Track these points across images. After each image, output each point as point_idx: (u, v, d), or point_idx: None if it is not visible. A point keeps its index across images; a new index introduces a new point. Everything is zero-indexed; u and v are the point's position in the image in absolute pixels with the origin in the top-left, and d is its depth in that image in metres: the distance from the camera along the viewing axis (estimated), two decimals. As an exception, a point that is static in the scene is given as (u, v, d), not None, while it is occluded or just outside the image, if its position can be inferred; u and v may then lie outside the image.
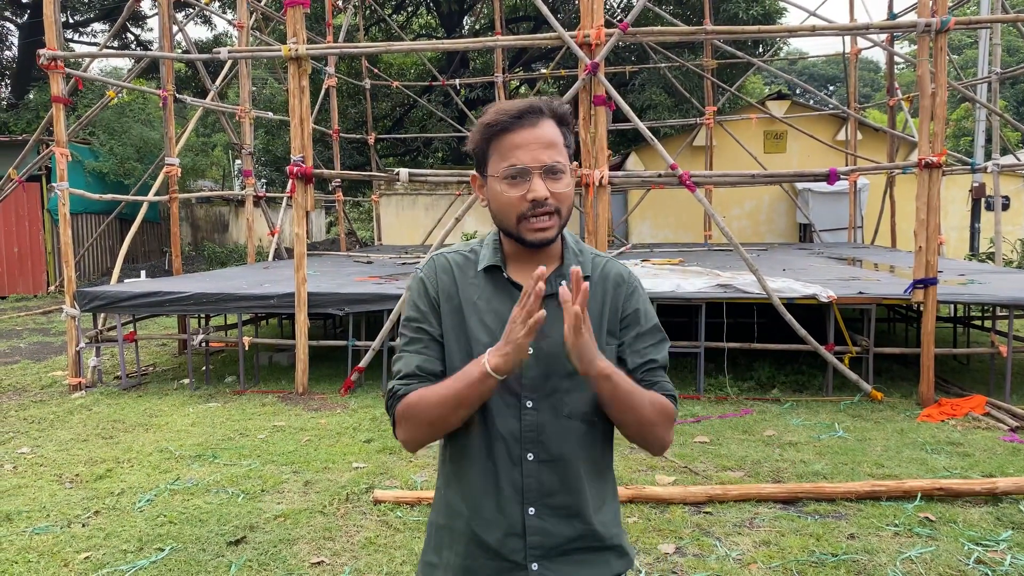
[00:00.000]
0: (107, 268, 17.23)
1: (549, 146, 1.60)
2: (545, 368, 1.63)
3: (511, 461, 1.63)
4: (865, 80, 40.05)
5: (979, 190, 12.91)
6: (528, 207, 1.59)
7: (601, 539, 1.68)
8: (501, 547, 1.64)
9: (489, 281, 1.69)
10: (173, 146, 9.62)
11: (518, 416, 1.63)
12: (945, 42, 6.45)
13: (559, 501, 1.64)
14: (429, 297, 1.70)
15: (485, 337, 1.64)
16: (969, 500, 4.53)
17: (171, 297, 7.55)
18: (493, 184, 1.64)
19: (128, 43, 22.29)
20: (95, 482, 5.08)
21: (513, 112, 1.61)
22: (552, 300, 1.62)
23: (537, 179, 1.59)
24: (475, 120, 7.96)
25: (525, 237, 1.62)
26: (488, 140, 1.64)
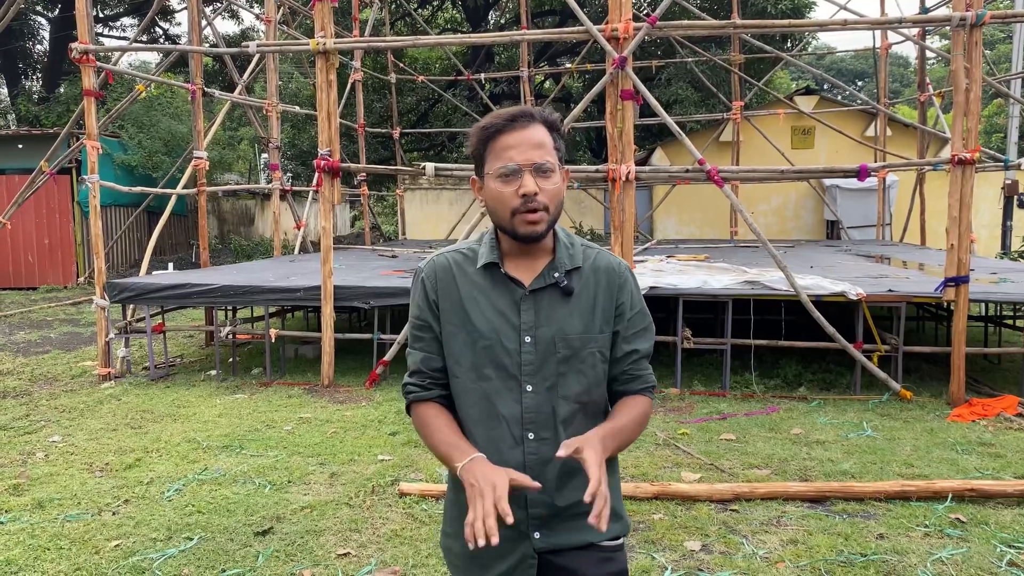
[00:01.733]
0: (135, 260, 17.42)
1: (538, 146, 1.74)
2: (542, 355, 1.78)
3: (513, 441, 1.78)
4: (894, 75, 39.55)
5: (1012, 187, 12.70)
6: (520, 202, 1.72)
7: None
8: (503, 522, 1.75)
9: (488, 277, 1.82)
10: (202, 139, 9.70)
11: (519, 399, 1.78)
12: (980, 37, 6.34)
13: (558, 474, 1.78)
14: (428, 298, 1.86)
15: (486, 328, 1.79)
16: (1001, 502, 4.46)
17: (199, 289, 7.62)
18: (489, 183, 1.77)
19: (157, 37, 22.49)
20: (125, 471, 5.14)
21: (506, 116, 1.76)
22: (547, 292, 1.80)
23: (528, 176, 1.72)
24: None
25: (518, 230, 1.75)
26: (484, 142, 1.78)
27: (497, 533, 1.53)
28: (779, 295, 7.08)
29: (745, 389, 7.13)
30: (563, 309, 1.80)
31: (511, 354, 1.78)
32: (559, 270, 1.81)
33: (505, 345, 1.78)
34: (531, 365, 1.78)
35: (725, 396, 6.94)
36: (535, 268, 1.82)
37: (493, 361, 1.79)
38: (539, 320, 1.79)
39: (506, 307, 1.80)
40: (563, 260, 1.82)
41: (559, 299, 1.81)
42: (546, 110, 1.82)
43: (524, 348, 1.78)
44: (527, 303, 1.80)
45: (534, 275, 1.82)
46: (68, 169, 15.52)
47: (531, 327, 1.79)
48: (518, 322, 1.79)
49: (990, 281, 7.80)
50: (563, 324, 1.79)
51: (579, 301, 1.82)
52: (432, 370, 1.86)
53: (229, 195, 20.86)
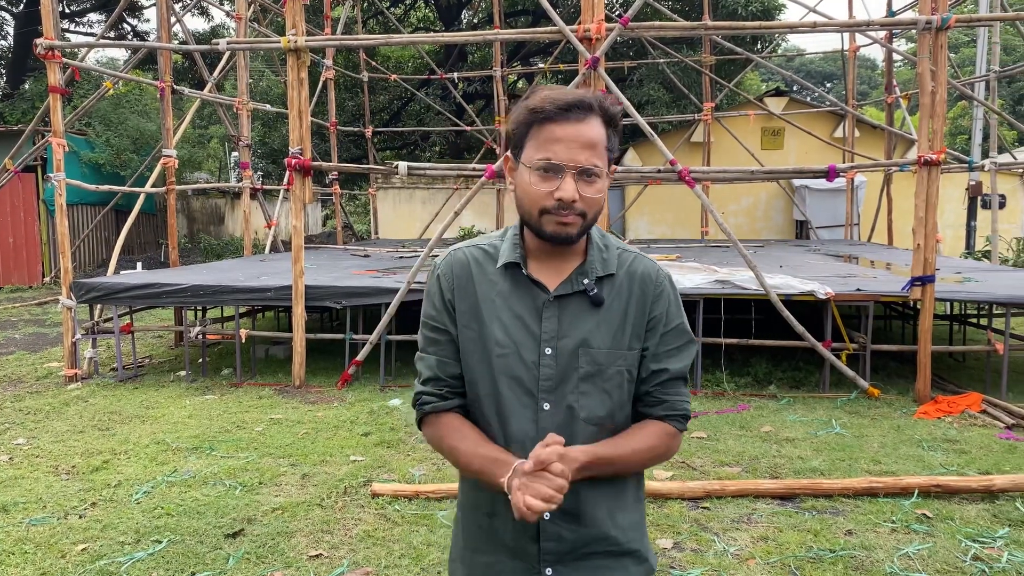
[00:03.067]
0: (103, 259, 17.17)
1: (589, 146, 1.52)
2: (563, 370, 1.59)
3: None
4: (862, 77, 40.06)
5: (975, 188, 12.93)
6: (554, 204, 1.53)
7: (618, 544, 1.63)
8: (516, 549, 1.62)
9: (508, 278, 1.64)
10: (171, 137, 9.59)
11: (534, 418, 1.59)
12: (945, 40, 6.45)
13: (574, 506, 1.58)
14: (443, 297, 1.67)
15: (502, 336, 1.60)
16: (966, 497, 4.54)
17: (168, 289, 7.53)
18: (524, 172, 1.57)
19: (124, 34, 22.18)
20: (92, 474, 5.07)
21: (561, 103, 1.53)
22: (573, 299, 1.61)
23: (569, 179, 1.51)
24: (473, 114, 7.96)
25: (545, 229, 1.56)
26: (529, 124, 1.56)
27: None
28: (749, 294, 7.15)
29: (716, 387, 7.19)
30: (590, 319, 1.60)
31: (529, 367, 1.59)
32: (589, 276, 1.61)
33: (523, 356, 1.59)
34: (550, 380, 1.58)
35: (696, 394, 6.99)
36: (562, 271, 1.62)
37: (508, 373, 1.60)
38: (562, 330, 1.59)
39: (526, 313, 1.60)
40: (594, 265, 1.62)
41: (586, 308, 1.60)
42: (607, 100, 1.58)
43: (544, 361, 1.58)
44: (550, 310, 1.60)
45: (560, 279, 1.62)
46: (33, 167, 15.27)
47: (553, 337, 1.59)
48: (539, 331, 1.59)
49: (955, 280, 7.93)
50: (589, 336, 1.59)
51: (609, 312, 1.61)
52: (450, 377, 1.66)
53: (199, 194, 20.62)
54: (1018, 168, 12.77)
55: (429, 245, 7.31)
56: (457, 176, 8.85)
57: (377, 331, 7.22)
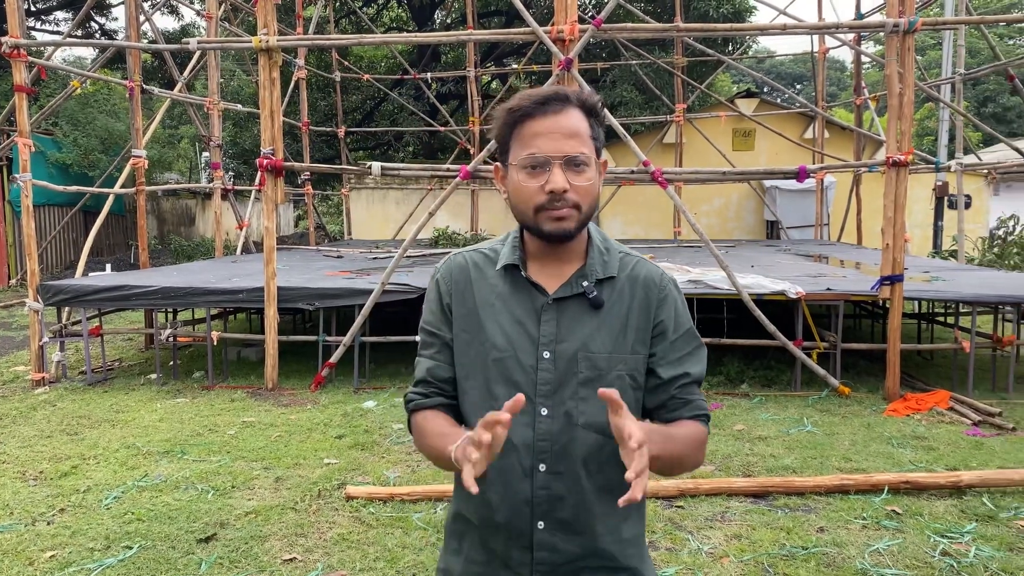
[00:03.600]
0: (70, 261, 16.92)
1: (572, 136, 1.51)
2: (562, 374, 1.56)
3: (522, 472, 1.55)
4: (831, 79, 40.51)
5: (942, 188, 13.14)
6: (546, 199, 1.51)
7: (613, 559, 1.58)
8: (508, 559, 1.58)
9: (507, 280, 1.62)
10: (140, 138, 9.46)
11: (532, 424, 1.55)
12: (912, 42, 6.55)
13: (571, 516, 1.55)
14: (441, 302, 1.66)
15: (501, 340, 1.58)
16: (934, 493, 4.61)
17: (138, 291, 7.43)
18: (513, 173, 1.56)
19: (92, 32, 21.87)
20: (60, 479, 4.99)
21: (537, 98, 1.53)
22: (573, 302, 1.59)
23: (557, 170, 1.50)
24: (447, 114, 7.94)
25: (543, 228, 1.53)
26: (511, 127, 1.56)
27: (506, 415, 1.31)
28: (721, 294, 7.21)
29: (689, 387, 7.22)
30: (590, 323, 1.57)
31: (526, 370, 1.56)
32: (588, 278, 1.58)
33: (520, 360, 1.56)
34: (548, 385, 1.55)
35: (670, 394, 7.02)
36: (562, 274, 1.60)
37: (505, 377, 1.57)
38: (561, 333, 1.56)
39: (525, 316, 1.58)
40: (595, 267, 1.60)
41: (586, 311, 1.58)
42: (584, 92, 1.58)
43: (542, 365, 1.55)
44: (549, 313, 1.58)
45: (560, 282, 1.59)
46: (-2, 167, 15.01)
47: (551, 341, 1.56)
48: (537, 334, 1.57)
49: (923, 280, 8.05)
50: (588, 340, 1.56)
51: (609, 315, 1.58)
52: (439, 380, 1.66)
53: (169, 194, 20.38)
54: (983, 169, 12.99)
55: (403, 246, 7.29)
56: (431, 177, 8.84)
57: (351, 333, 7.18)
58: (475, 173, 6.93)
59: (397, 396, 6.97)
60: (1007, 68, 9.79)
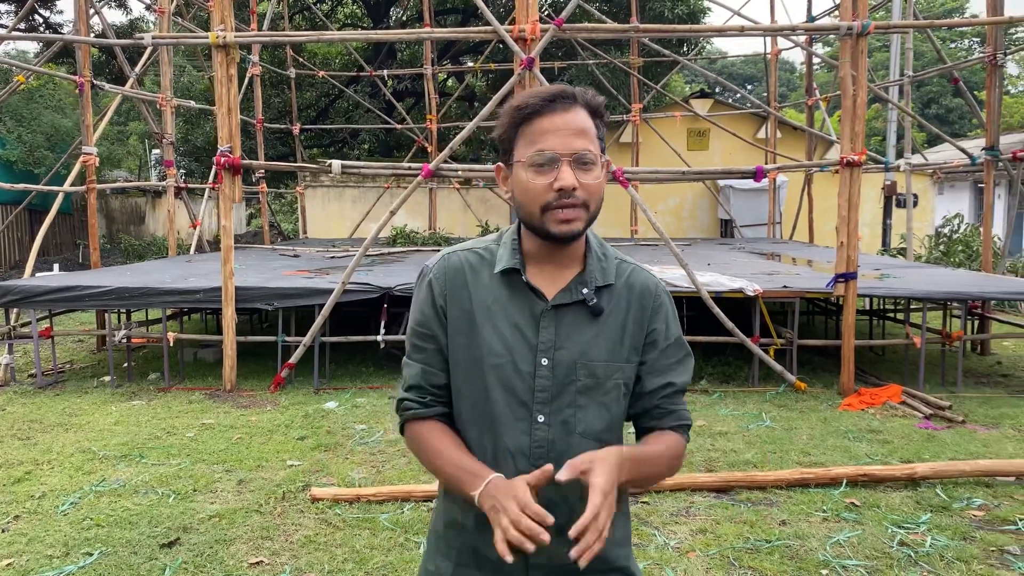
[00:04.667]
0: (15, 261, 16.45)
1: (580, 133, 1.50)
2: (560, 382, 1.55)
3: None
4: (781, 80, 41.25)
5: (891, 188, 13.47)
6: (554, 196, 1.49)
7: (605, 561, 1.57)
8: (503, 564, 1.51)
9: (505, 284, 1.59)
10: (90, 134, 9.24)
11: (528, 431, 1.54)
12: (865, 45, 6.71)
13: (564, 521, 1.48)
14: (435, 304, 1.62)
15: (498, 345, 1.56)
16: (890, 485, 4.74)
17: (91, 291, 7.26)
18: (519, 171, 1.53)
19: (36, 26, 21.25)
20: (13, 485, 4.86)
21: (545, 95, 1.52)
22: (572, 309, 1.57)
23: (566, 167, 1.48)
24: (404, 112, 7.91)
25: (550, 228, 1.51)
26: (516, 125, 1.54)
27: (542, 531, 1.34)
28: (680, 292, 7.29)
29: (650, 384, 7.30)
30: (589, 331, 1.56)
31: (524, 377, 1.54)
32: (588, 285, 1.57)
33: (518, 366, 1.55)
34: (545, 392, 1.54)
35: (631, 391, 7.09)
36: (561, 279, 1.58)
37: (503, 384, 1.55)
38: (559, 340, 1.54)
39: (524, 322, 1.56)
40: (594, 274, 1.58)
41: (585, 319, 1.56)
42: (589, 92, 1.57)
43: (539, 372, 1.54)
44: (547, 319, 1.55)
45: (559, 287, 1.57)
46: (-62, 164, 14.53)
47: (549, 348, 1.54)
48: (535, 341, 1.55)
49: (874, 277, 8.25)
50: (587, 348, 1.55)
51: (607, 323, 1.57)
52: (434, 387, 1.62)
53: (117, 193, 19.94)
54: (930, 169, 13.35)
55: (365, 244, 7.24)
56: (392, 175, 8.78)
57: (311, 333, 7.11)
58: (436, 172, 6.91)
59: (359, 397, 6.92)
60: (952, 71, 10.08)
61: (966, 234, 13.62)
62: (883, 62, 26.40)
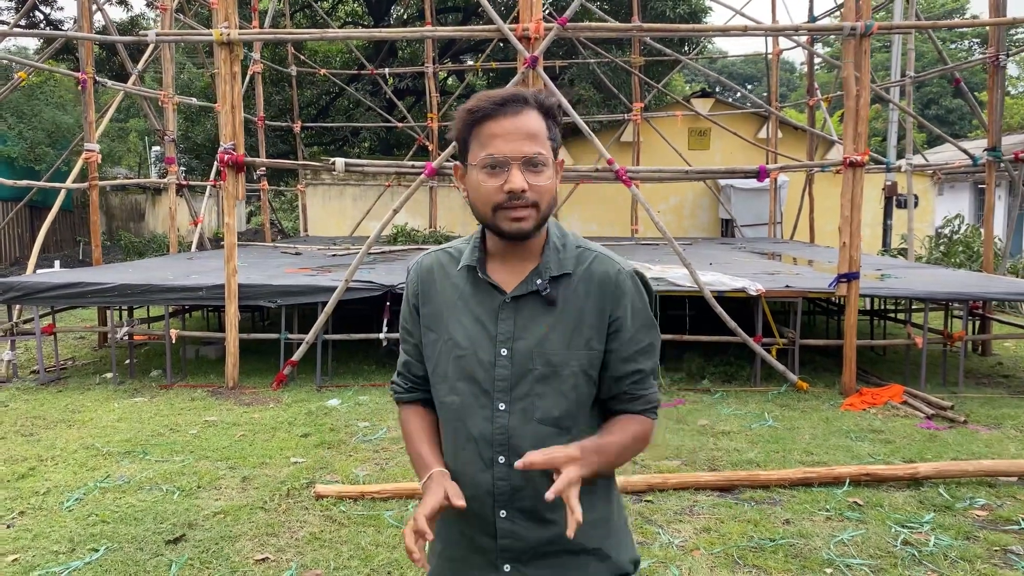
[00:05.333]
0: (15, 258, 16.44)
1: (530, 137, 1.55)
2: (518, 371, 1.61)
3: (483, 464, 1.62)
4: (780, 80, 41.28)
5: (891, 188, 13.47)
6: (505, 198, 1.55)
7: (577, 542, 1.60)
8: (476, 544, 1.67)
9: (469, 280, 1.67)
10: (93, 131, 9.23)
11: (490, 418, 1.61)
12: (869, 45, 6.71)
13: (530, 505, 1.61)
14: (410, 302, 1.74)
15: (462, 338, 1.64)
16: (893, 485, 4.75)
17: (94, 288, 7.26)
18: (472, 173, 1.60)
19: (37, 22, 21.22)
20: (17, 481, 4.86)
21: (496, 99, 1.57)
22: (529, 300, 1.62)
23: (515, 170, 1.54)
24: (404, 110, 7.98)
25: (501, 227, 1.58)
26: (470, 127, 1.60)
27: (414, 550, 1.50)
28: (683, 291, 7.31)
29: (652, 383, 7.31)
30: (545, 320, 1.61)
31: (485, 367, 1.61)
32: (543, 276, 1.62)
33: (480, 357, 1.62)
34: (505, 381, 1.61)
35: (633, 390, 7.09)
36: (521, 272, 1.64)
37: (467, 374, 1.63)
38: (517, 331, 1.61)
39: (484, 315, 1.63)
40: (549, 265, 1.63)
41: (541, 309, 1.62)
42: (542, 94, 1.62)
43: (499, 362, 1.61)
44: (506, 311, 1.62)
45: (518, 280, 1.63)
46: (-61, 160, 14.52)
47: (508, 339, 1.61)
48: (495, 332, 1.61)
49: (875, 277, 8.26)
50: (543, 338, 1.61)
51: (563, 313, 1.62)
52: (413, 375, 1.77)
53: (117, 190, 19.93)
54: (931, 169, 13.36)
55: (368, 243, 7.24)
56: (395, 173, 8.79)
57: (314, 330, 7.11)
58: (440, 170, 6.91)
59: (362, 394, 6.93)
60: (954, 72, 10.09)
61: (967, 235, 13.64)
62: (883, 63, 26.41)
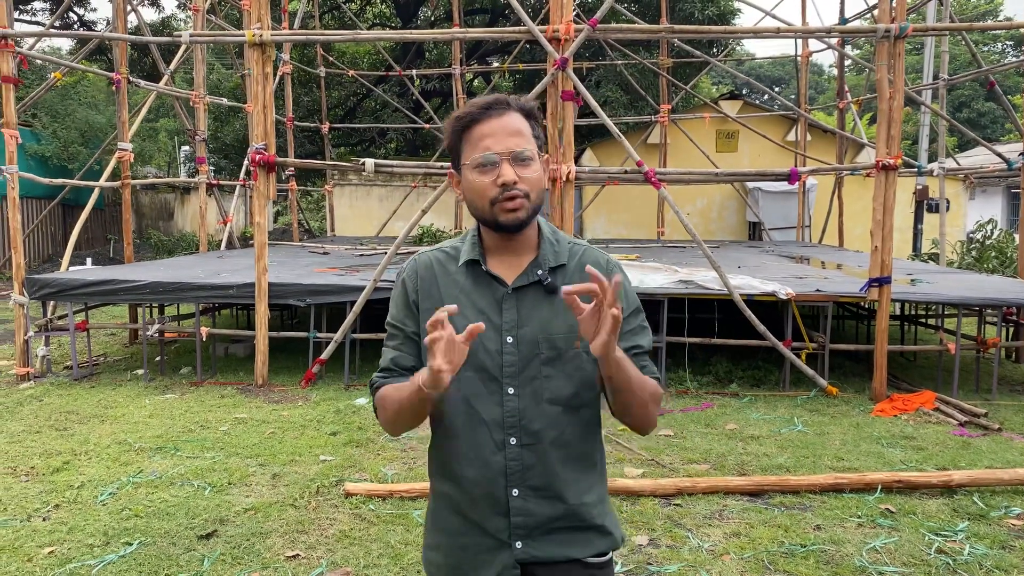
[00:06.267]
0: (48, 255, 16.69)
1: (516, 134, 1.69)
2: (525, 356, 1.71)
3: (495, 446, 1.70)
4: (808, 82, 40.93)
5: (922, 192, 13.29)
6: (499, 191, 1.67)
7: (583, 519, 1.74)
8: (487, 526, 1.72)
9: (469, 275, 1.77)
10: (126, 130, 9.36)
11: (500, 403, 1.71)
12: (903, 48, 6.64)
13: (542, 483, 1.71)
14: (407, 299, 1.80)
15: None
16: (926, 492, 4.69)
17: (126, 286, 7.36)
18: (467, 174, 1.71)
19: (71, 23, 21.57)
20: (52, 475, 4.94)
21: (480, 105, 1.71)
22: (530, 290, 1.74)
23: (506, 164, 1.67)
24: (431, 111, 8.06)
25: (499, 219, 1.69)
26: (459, 133, 1.72)
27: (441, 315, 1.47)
28: (712, 294, 7.26)
29: (679, 386, 7.29)
30: (547, 308, 1.73)
31: (492, 355, 1.71)
32: (543, 267, 1.74)
33: (486, 346, 1.70)
34: (513, 367, 1.71)
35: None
36: (519, 265, 1.76)
37: (474, 363, 1.69)
38: (521, 319, 1.72)
39: (487, 306, 1.73)
40: (547, 257, 1.76)
41: (543, 298, 1.73)
42: (522, 98, 1.77)
43: (506, 349, 1.71)
44: (509, 301, 1.73)
45: (517, 273, 1.75)
46: (-26, 158, 14.74)
47: (513, 327, 1.71)
48: (500, 321, 1.72)
49: (905, 282, 8.16)
50: (547, 324, 1.71)
51: (562, 300, 1.64)
52: (401, 367, 1.79)
53: (147, 188, 20.18)
54: (963, 173, 13.19)
55: (396, 243, 7.27)
56: (424, 174, 8.82)
57: (342, 329, 7.15)
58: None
59: (389, 393, 6.95)
60: (988, 75, 9.96)
61: (1000, 240, 13.43)
62: (913, 65, 26.10)
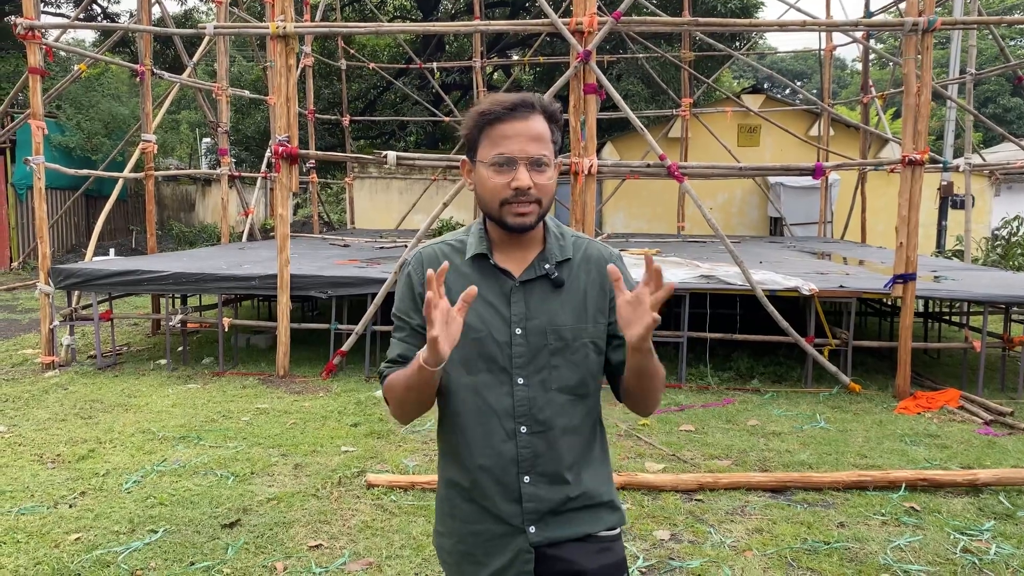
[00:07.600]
0: (72, 245, 16.85)
1: (536, 139, 1.71)
2: (534, 347, 1.75)
3: (505, 434, 1.74)
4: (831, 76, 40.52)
5: (947, 188, 13.15)
6: (511, 194, 1.69)
7: (592, 497, 1.80)
8: (500, 513, 1.76)
9: (476, 269, 1.79)
10: (150, 122, 9.42)
11: (510, 392, 1.74)
12: (931, 41, 6.55)
13: (552, 468, 1.76)
14: (413, 292, 1.81)
15: (476, 322, 1.74)
16: (951, 491, 4.65)
17: (150, 276, 7.42)
18: (481, 169, 1.74)
19: (94, 15, 21.72)
20: (78, 462, 4.99)
21: (507, 104, 1.72)
22: (537, 283, 1.77)
23: (522, 169, 1.69)
24: (451, 104, 8.08)
25: (507, 221, 1.72)
26: (480, 127, 1.73)
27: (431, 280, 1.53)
28: (734, 289, 7.22)
29: (700, 381, 7.26)
30: (554, 301, 1.77)
31: (502, 347, 1.75)
32: (549, 261, 1.78)
33: (495, 338, 1.75)
34: (522, 357, 1.75)
35: (681, 388, 7.05)
36: (525, 259, 1.80)
37: (483, 354, 1.75)
38: (530, 312, 1.75)
39: (496, 299, 1.76)
40: (553, 251, 1.80)
41: (550, 291, 1.78)
42: (547, 100, 1.77)
43: (515, 340, 1.74)
44: (517, 294, 1.76)
45: (524, 266, 1.79)
46: (0, 149, 14.92)
47: (522, 319, 1.75)
48: (508, 314, 1.75)
49: (929, 279, 8.08)
50: (554, 316, 1.76)
51: (570, 292, 1.79)
52: (408, 359, 1.78)
53: (169, 180, 20.32)
54: (989, 169, 13.03)
55: (417, 235, 7.29)
56: (446, 167, 8.83)
57: (363, 321, 7.18)
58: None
59: (409, 385, 6.97)
60: (1016, 70, 9.82)
61: (1025, 237, 13.26)
62: (938, 60, 25.79)
